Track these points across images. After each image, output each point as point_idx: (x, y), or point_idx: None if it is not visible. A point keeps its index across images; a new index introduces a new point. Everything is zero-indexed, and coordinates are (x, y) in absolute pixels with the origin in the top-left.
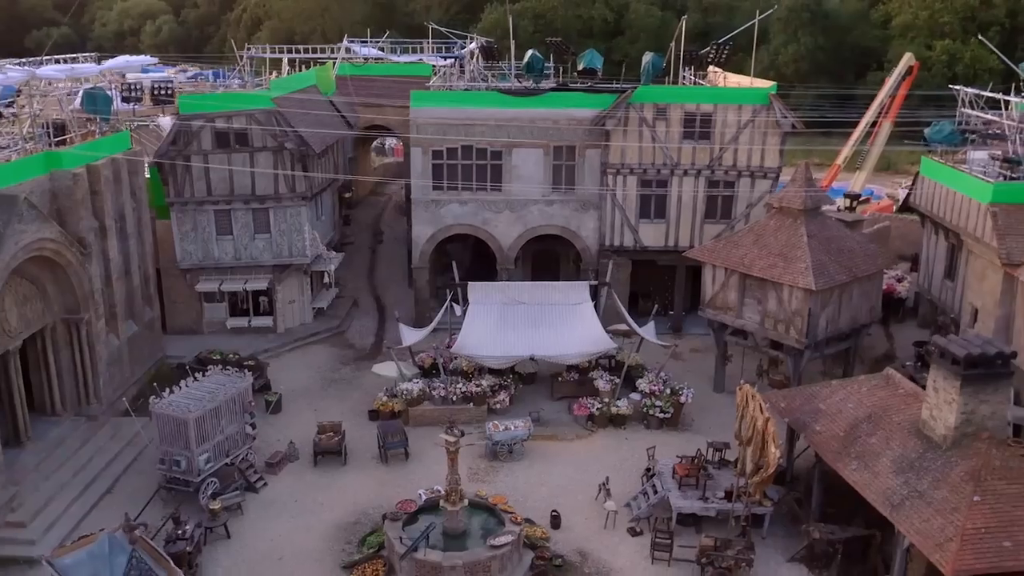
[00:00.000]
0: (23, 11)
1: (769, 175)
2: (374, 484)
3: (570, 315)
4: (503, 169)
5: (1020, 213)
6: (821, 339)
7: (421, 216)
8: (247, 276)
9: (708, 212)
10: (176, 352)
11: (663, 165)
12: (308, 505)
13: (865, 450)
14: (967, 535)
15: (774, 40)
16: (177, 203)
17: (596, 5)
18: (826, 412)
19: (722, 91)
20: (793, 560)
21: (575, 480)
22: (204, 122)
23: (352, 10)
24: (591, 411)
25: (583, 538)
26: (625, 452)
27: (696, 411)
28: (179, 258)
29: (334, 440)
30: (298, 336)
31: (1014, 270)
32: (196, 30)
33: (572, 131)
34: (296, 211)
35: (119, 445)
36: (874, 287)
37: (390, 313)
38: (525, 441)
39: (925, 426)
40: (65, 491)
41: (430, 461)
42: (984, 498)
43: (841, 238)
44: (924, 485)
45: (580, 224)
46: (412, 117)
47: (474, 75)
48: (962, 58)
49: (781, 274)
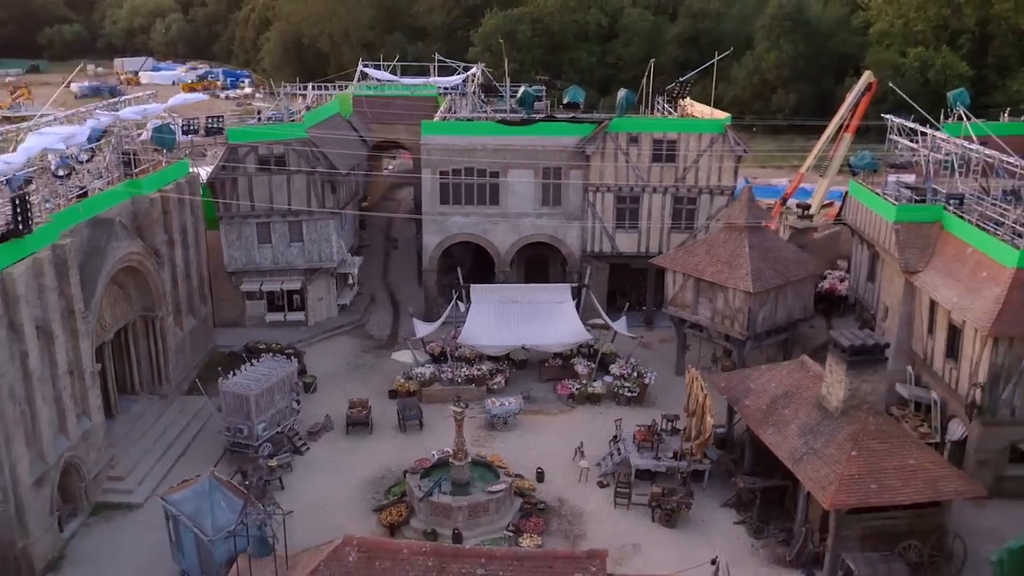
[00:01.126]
0: (35, 8)
1: (725, 192)
2: (395, 448)
3: (555, 312)
4: (500, 187)
5: (917, 230)
6: (760, 332)
7: (430, 226)
8: (283, 278)
9: (674, 223)
10: (224, 342)
11: (635, 184)
12: (343, 465)
13: (780, 419)
14: (843, 480)
15: (758, 47)
16: (225, 217)
17: (591, 10)
18: (754, 390)
19: (684, 122)
20: (725, 505)
21: (557, 445)
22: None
23: (358, 13)
24: (572, 391)
25: (561, 489)
26: (598, 424)
27: (659, 391)
28: (226, 263)
29: (363, 413)
30: (326, 328)
31: (912, 277)
32: (204, 28)
33: (558, 155)
34: (325, 223)
35: (187, 418)
36: (806, 289)
37: (403, 309)
38: (517, 415)
39: (823, 400)
40: (149, 454)
41: (440, 431)
42: (860, 453)
43: (778, 248)
44: (819, 444)
45: (565, 233)
46: (423, 143)
47: (474, 105)
48: (933, 64)
49: (727, 279)
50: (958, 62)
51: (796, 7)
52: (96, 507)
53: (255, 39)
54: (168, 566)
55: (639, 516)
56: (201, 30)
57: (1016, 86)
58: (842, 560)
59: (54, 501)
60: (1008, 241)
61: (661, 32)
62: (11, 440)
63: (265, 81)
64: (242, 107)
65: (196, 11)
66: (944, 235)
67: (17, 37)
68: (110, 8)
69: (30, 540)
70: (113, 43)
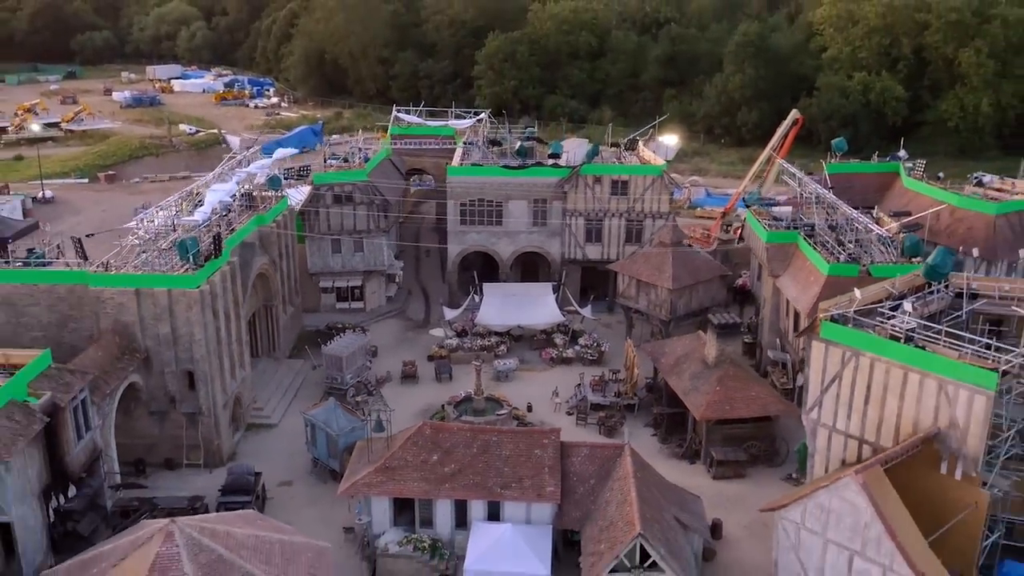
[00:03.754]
0: (66, 15)
1: (663, 216)
2: (434, 391)
3: (540, 302)
4: (503, 212)
5: (780, 248)
6: (680, 315)
7: (453, 240)
8: (348, 277)
9: (627, 239)
10: (308, 323)
11: (599, 211)
12: (401, 403)
13: (680, 370)
14: (710, 403)
15: (726, 69)
16: (310, 235)
17: (582, 33)
18: (668, 353)
19: (633, 168)
20: (647, 426)
21: (540, 390)
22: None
23: (374, 32)
24: (552, 355)
25: (542, 415)
26: (568, 377)
27: (612, 356)
28: (310, 267)
29: (412, 369)
30: (378, 313)
31: (775, 279)
32: (227, 35)
33: (544, 190)
34: (379, 239)
35: (292, 373)
36: (715, 285)
37: (433, 300)
38: (514, 370)
39: (707, 357)
40: (275, 395)
41: (464, 382)
42: (721, 388)
43: (693, 259)
44: (699, 384)
45: (550, 245)
46: (448, 181)
47: (483, 152)
48: (874, 87)
49: (656, 279)
50: (895, 85)
51: (759, 35)
52: (248, 426)
53: (276, 49)
54: (302, 458)
55: (591, 431)
56: (223, 37)
57: (944, 105)
58: (710, 452)
59: (230, 419)
60: (825, 256)
61: (644, 51)
62: (212, 380)
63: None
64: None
65: (218, 20)
66: (797, 252)
67: (51, 43)
68: (136, 16)
69: (220, 440)
70: (141, 49)
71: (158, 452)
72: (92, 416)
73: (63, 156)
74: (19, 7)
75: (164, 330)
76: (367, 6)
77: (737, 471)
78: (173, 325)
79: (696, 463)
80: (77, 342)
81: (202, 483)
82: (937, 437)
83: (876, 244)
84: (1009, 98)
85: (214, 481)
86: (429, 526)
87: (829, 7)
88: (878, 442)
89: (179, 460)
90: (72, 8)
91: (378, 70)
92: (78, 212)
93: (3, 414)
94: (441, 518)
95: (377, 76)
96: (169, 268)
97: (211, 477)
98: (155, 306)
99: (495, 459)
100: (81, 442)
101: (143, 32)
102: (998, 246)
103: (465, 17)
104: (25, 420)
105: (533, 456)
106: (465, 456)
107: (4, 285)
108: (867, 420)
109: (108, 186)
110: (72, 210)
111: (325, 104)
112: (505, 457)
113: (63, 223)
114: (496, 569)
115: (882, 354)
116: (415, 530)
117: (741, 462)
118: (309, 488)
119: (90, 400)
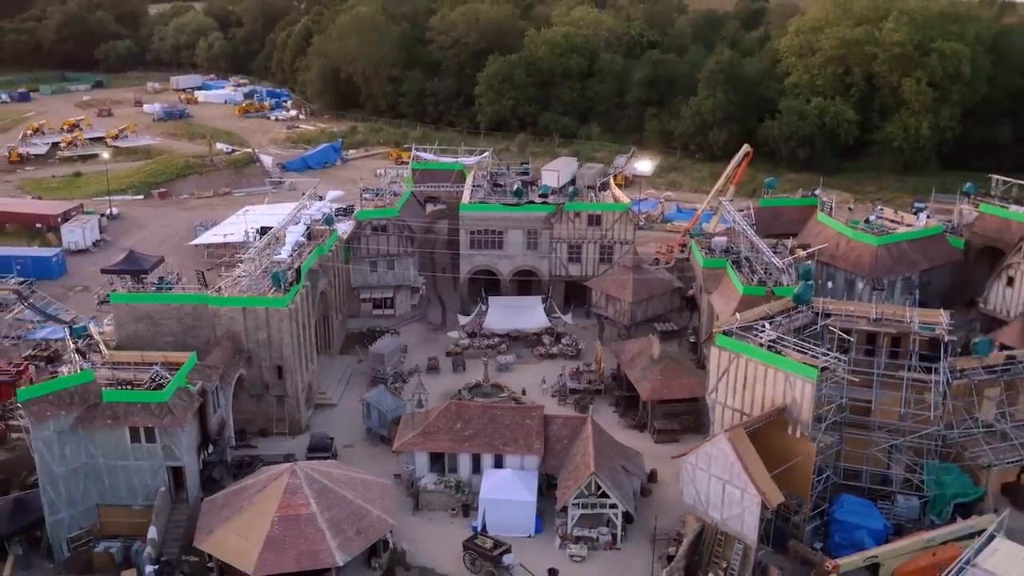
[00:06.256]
0: (91, 25)
1: (628, 243)
2: (453, 379)
3: (532, 311)
4: (503, 239)
5: (713, 272)
6: (639, 321)
7: (463, 262)
8: (382, 290)
9: (601, 260)
10: (351, 327)
11: (579, 238)
12: (428, 388)
13: (635, 364)
14: (654, 388)
15: (700, 93)
16: (353, 258)
17: (573, 56)
18: (627, 350)
19: (605, 205)
20: (611, 405)
21: (532, 378)
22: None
23: (384, 52)
24: (541, 352)
25: (533, 398)
26: (554, 368)
27: (586, 352)
28: (353, 283)
29: (435, 363)
30: (405, 319)
31: (709, 296)
32: (243, 46)
33: (536, 222)
34: (407, 260)
35: (344, 367)
36: (667, 298)
37: (449, 307)
38: (513, 364)
39: (653, 352)
40: (333, 383)
41: (475, 372)
42: (662, 376)
43: (650, 277)
44: (648, 374)
45: (540, 265)
46: (460, 215)
47: (487, 191)
48: (828, 111)
49: (620, 293)
50: (847, 110)
51: (729, 63)
52: (316, 406)
53: (292, 61)
54: (358, 428)
55: (569, 408)
56: (240, 47)
57: (890, 127)
58: (653, 423)
59: (305, 400)
60: (742, 280)
61: (629, 72)
62: (294, 372)
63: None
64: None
65: (234, 31)
66: (725, 276)
67: (76, 52)
68: (157, 26)
69: (300, 415)
70: (161, 58)
71: (255, 424)
72: (220, 397)
73: (116, 173)
74: (45, 16)
75: (262, 336)
76: (378, 27)
77: (673, 437)
78: (268, 333)
79: (644, 432)
80: (198, 345)
81: (288, 445)
82: (785, 410)
83: (780, 270)
84: (947, 121)
85: (296, 444)
86: (454, 472)
87: (792, 37)
88: (752, 413)
89: (270, 429)
90: (95, 18)
91: (388, 87)
92: (143, 227)
93: (176, 396)
94: (463, 466)
95: (387, 93)
96: (264, 291)
97: (293, 442)
98: (256, 319)
99: (499, 426)
100: (215, 415)
101: (163, 41)
102: (879, 270)
103: (468, 40)
104: (189, 400)
105: (525, 424)
106: (479, 424)
107: (147, 305)
108: (744, 399)
109: (162, 202)
110: (137, 225)
111: (340, 117)
112: (506, 425)
113: (131, 238)
114: (500, 497)
115: (753, 356)
116: (445, 474)
117: (676, 430)
118: (366, 449)
119: (219, 386)
